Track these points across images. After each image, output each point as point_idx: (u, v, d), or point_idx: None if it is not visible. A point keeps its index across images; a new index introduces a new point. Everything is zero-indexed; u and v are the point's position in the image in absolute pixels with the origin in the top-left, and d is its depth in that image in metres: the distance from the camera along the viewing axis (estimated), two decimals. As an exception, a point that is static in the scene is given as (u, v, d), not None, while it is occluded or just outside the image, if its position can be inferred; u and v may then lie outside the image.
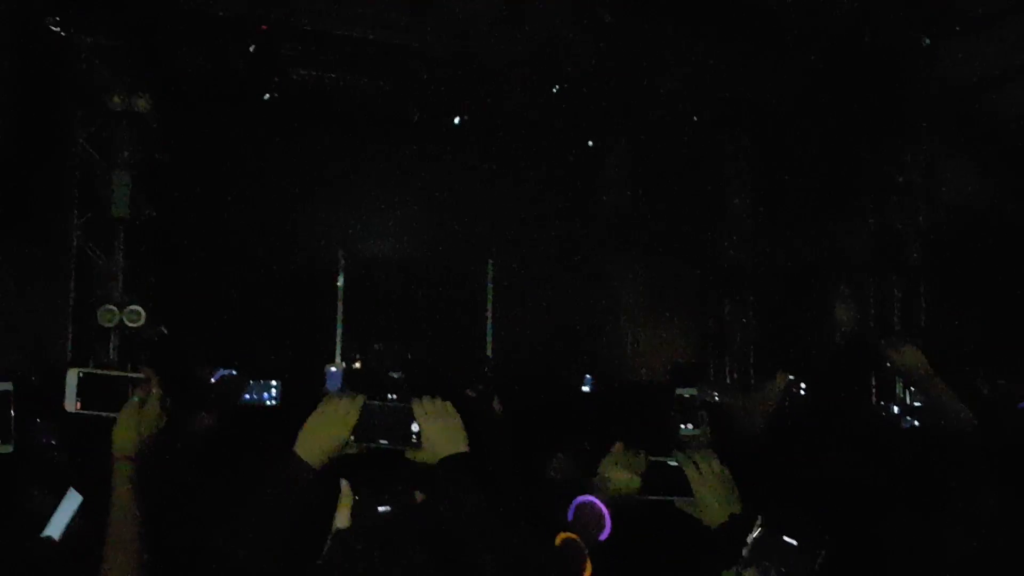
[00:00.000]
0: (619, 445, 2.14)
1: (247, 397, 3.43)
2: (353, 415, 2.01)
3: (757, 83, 8.74)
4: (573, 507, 2.03)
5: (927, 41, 7.96)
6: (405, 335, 8.95)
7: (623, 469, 2.10)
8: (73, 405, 2.06)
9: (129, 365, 7.69)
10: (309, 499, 1.90)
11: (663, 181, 9.60)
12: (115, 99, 7.52)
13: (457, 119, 9.00)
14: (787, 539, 1.74)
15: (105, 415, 2.04)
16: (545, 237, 9.69)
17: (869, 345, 8.36)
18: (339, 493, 1.78)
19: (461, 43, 8.11)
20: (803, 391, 3.47)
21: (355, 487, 1.76)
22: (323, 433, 1.99)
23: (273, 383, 3.46)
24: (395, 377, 6.71)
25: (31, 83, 7.08)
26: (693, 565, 1.95)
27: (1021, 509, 2.31)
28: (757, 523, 1.81)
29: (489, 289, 9.70)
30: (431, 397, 2.08)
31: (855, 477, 2.69)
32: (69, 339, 7.64)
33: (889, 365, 2.73)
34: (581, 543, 1.86)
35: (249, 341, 8.03)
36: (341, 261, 9.26)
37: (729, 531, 1.97)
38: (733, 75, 8.65)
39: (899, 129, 8.57)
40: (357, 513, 1.63)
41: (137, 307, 7.60)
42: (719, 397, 3.63)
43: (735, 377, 9.83)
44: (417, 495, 1.75)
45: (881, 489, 2.61)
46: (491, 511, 1.92)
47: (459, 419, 2.06)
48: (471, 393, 2.85)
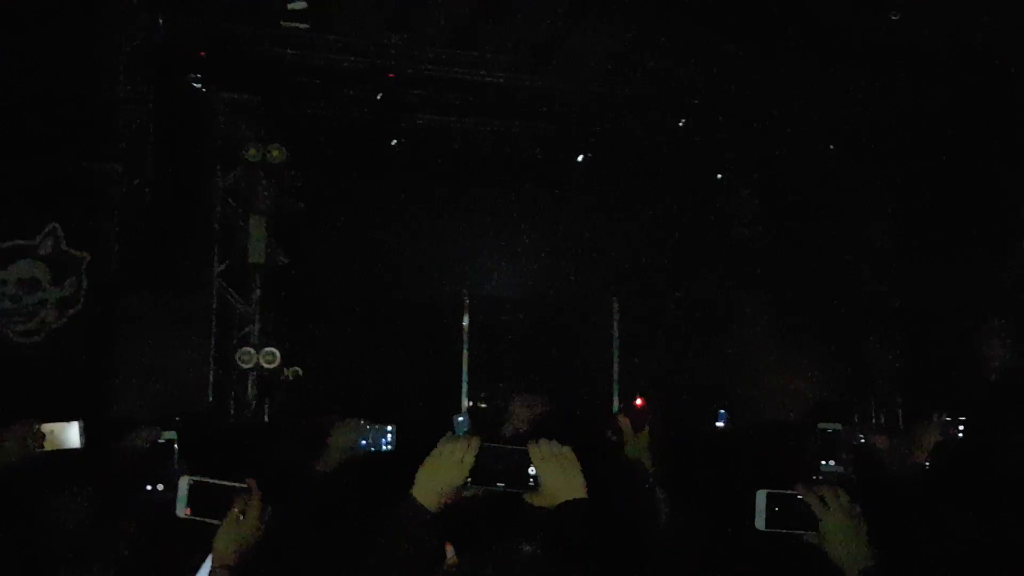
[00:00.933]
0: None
1: (363, 443, 3.45)
2: (470, 458, 1.99)
3: (898, 114, 8.43)
4: None
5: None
6: (531, 375, 8.93)
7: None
8: (183, 511, 2.16)
9: (265, 407, 7.96)
10: (427, 543, 1.89)
11: (796, 214, 9.34)
12: (251, 151, 7.86)
13: (580, 156, 9.00)
14: None
15: (212, 522, 2.14)
16: (672, 273, 9.54)
17: None
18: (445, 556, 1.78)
19: (584, 83, 8.15)
20: (960, 432, 3.26)
21: (459, 551, 1.75)
22: (440, 476, 1.97)
23: (388, 428, 3.47)
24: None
25: (173, 137, 7.47)
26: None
27: None
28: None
29: (615, 327, 9.60)
30: (548, 440, 2.05)
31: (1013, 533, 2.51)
32: (210, 382, 7.95)
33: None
34: None
35: (377, 385, 8.20)
36: (466, 302, 9.34)
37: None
38: (870, 103, 8.38)
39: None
40: None
41: (273, 349, 7.87)
42: (865, 439, 3.46)
43: (881, 419, 9.38)
44: (525, 548, 1.72)
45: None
46: (607, 559, 1.88)
47: (577, 463, 2.02)
48: (612, 436, 2.80)
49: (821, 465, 3.16)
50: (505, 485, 2.01)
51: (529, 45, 7.79)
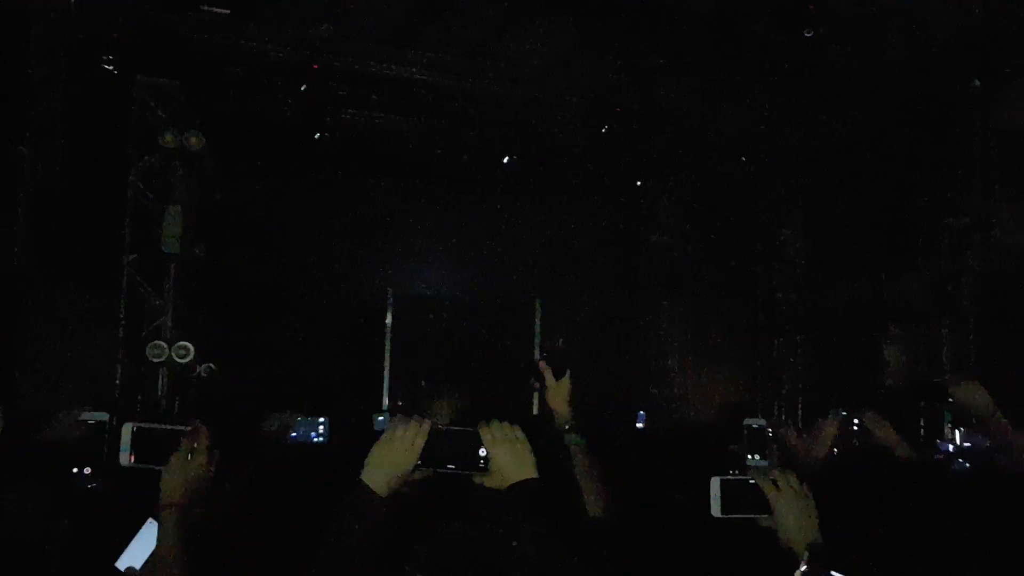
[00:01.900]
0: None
1: (295, 435, 3.43)
2: (421, 440, 1.99)
3: (810, 127, 8.68)
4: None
5: (977, 83, 7.87)
6: (453, 373, 8.91)
7: None
8: (127, 459, 2.13)
9: (176, 404, 7.73)
10: (380, 527, 1.90)
11: (713, 222, 9.54)
12: (168, 138, 7.61)
13: (506, 158, 9.02)
14: (835, 574, 1.76)
15: (157, 468, 2.11)
16: (594, 276, 9.64)
17: (929, 383, 8.18)
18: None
19: (512, 85, 8.17)
20: (856, 427, 3.45)
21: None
22: (390, 459, 1.97)
23: (321, 420, 3.47)
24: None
25: (84, 122, 7.20)
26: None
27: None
28: (805, 555, 1.84)
29: (537, 327, 9.65)
30: (499, 421, 2.07)
31: (908, 518, 2.64)
32: (119, 375, 7.67)
33: (951, 401, 2.70)
34: None
35: (297, 380, 8.04)
36: (390, 300, 9.27)
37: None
38: (786, 120, 8.61)
39: (953, 173, 8.44)
40: None
41: (186, 343, 7.64)
42: (775, 434, 3.59)
43: (783, 417, 9.68)
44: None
45: (933, 531, 2.56)
46: (557, 539, 1.90)
47: (527, 444, 2.05)
48: (535, 384, 2.81)
49: (747, 460, 3.25)
50: (456, 467, 2.02)
51: (461, 46, 7.77)
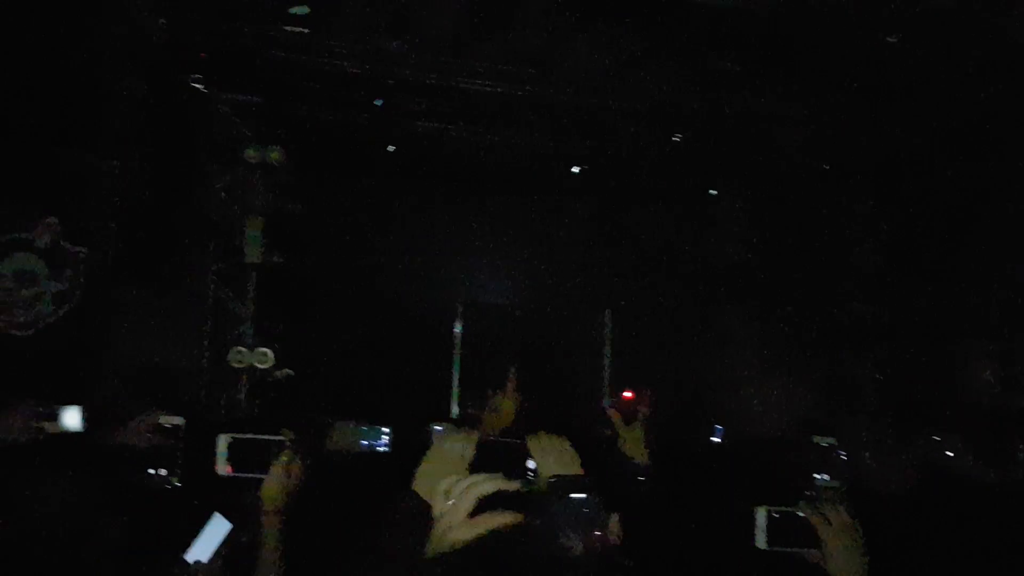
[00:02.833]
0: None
1: (364, 444, 3.49)
2: (470, 452, 2.01)
3: (886, 131, 8.49)
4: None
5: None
6: (521, 385, 8.94)
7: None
8: (224, 468, 2.22)
9: (256, 407, 7.97)
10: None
11: (786, 231, 9.40)
12: (250, 152, 7.88)
13: (575, 168, 9.04)
14: None
15: (254, 476, 2.22)
16: (664, 286, 9.57)
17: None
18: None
19: (578, 93, 8.19)
20: (950, 453, 3.33)
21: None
22: (440, 471, 1.97)
23: (384, 430, 3.51)
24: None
25: (172, 136, 7.49)
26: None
27: None
28: None
29: (607, 338, 9.63)
30: (547, 433, 2.08)
31: (991, 550, 2.56)
32: (203, 380, 7.96)
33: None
34: None
35: (367, 388, 8.21)
36: (459, 309, 9.36)
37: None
38: (860, 127, 8.44)
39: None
40: None
41: (266, 349, 7.89)
42: (851, 455, 3.50)
43: (863, 437, 9.40)
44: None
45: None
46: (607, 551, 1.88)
47: (576, 455, 2.05)
48: (605, 431, 2.81)
49: (815, 479, 3.17)
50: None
51: (528, 56, 7.83)
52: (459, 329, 9.34)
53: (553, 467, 2.01)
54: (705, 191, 9.83)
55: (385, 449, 3.57)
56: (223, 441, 2.21)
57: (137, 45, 7.23)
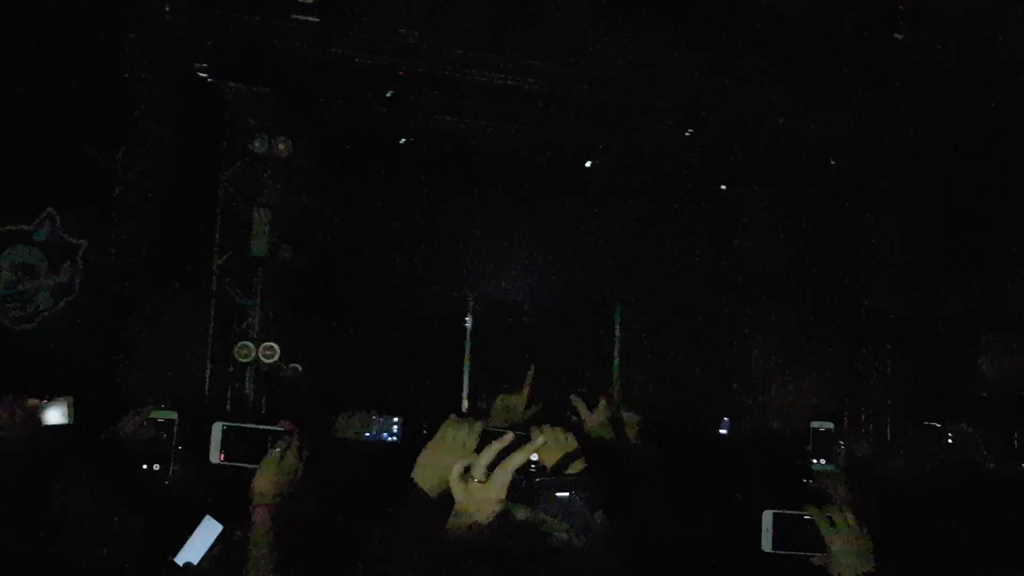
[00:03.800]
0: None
1: (368, 435, 3.45)
2: (472, 442, 1.97)
3: (907, 129, 8.40)
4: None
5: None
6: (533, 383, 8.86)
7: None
8: (217, 456, 2.16)
9: (263, 402, 7.89)
10: (428, 527, 1.87)
11: (803, 226, 9.32)
12: (257, 143, 7.78)
13: (589, 162, 8.96)
14: None
15: (247, 466, 2.15)
16: (677, 281, 9.51)
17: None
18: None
19: (599, 90, 8.12)
20: (951, 440, 3.31)
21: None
22: (441, 461, 1.95)
23: (395, 420, 3.48)
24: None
25: (177, 127, 7.41)
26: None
27: None
28: None
29: (617, 331, 9.56)
30: (551, 426, 2.05)
31: (994, 536, 2.51)
32: (208, 375, 7.86)
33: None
34: None
35: (378, 381, 8.12)
36: (470, 303, 9.30)
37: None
38: (882, 122, 8.35)
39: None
40: None
41: (272, 344, 7.79)
42: (847, 444, 3.47)
43: (870, 427, 9.37)
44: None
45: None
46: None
47: (579, 448, 2.04)
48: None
49: (813, 464, 3.18)
50: None
51: (548, 51, 7.74)
52: (470, 324, 9.27)
53: (556, 459, 2.00)
54: (721, 188, 9.76)
55: (394, 439, 3.54)
56: (217, 429, 2.15)
57: (145, 35, 7.17)
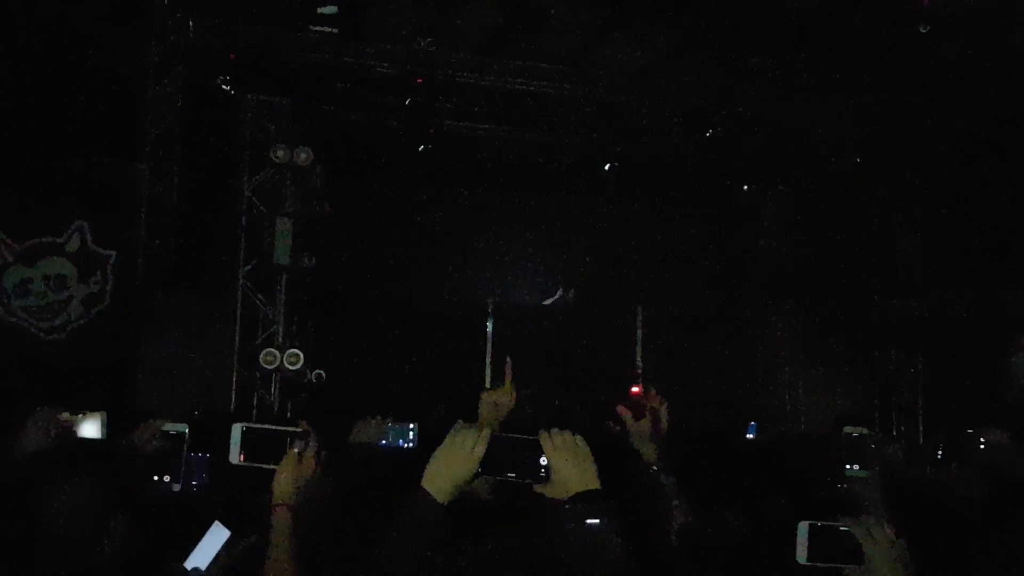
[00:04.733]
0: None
1: (384, 441, 3.46)
2: (481, 447, 1.96)
3: (927, 125, 8.34)
4: None
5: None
6: (553, 381, 8.87)
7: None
8: (237, 458, 2.18)
9: (288, 408, 7.97)
10: (437, 533, 1.89)
11: (823, 225, 9.26)
12: (278, 153, 7.86)
13: (607, 165, 8.97)
14: None
15: (266, 467, 2.16)
16: (698, 282, 9.48)
17: None
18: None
19: (611, 91, 8.13)
20: (981, 445, 3.25)
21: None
22: (451, 466, 1.95)
23: (411, 426, 3.48)
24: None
25: (201, 138, 7.51)
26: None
27: None
28: None
29: (639, 335, 9.53)
30: (560, 430, 2.01)
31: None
32: (234, 382, 7.97)
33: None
34: None
35: (399, 387, 8.18)
36: (490, 308, 9.31)
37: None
38: (901, 118, 8.29)
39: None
40: None
41: (296, 350, 7.87)
42: (878, 447, 3.43)
43: (902, 430, 9.27)
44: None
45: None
46: (623, 553, 1.84)
47: (590, 453, 1.99)
48: (615, 428, 2.77)
49: (846, 469, 3.13)
50: (516, 475, 1.98)
51: (560, 54, 7.78)
52: (490, 328, 9.28)
53: (566, 465, 1.96)
54: (740, 188, 9.71)
55: (411, 445, 3.53)
56: (237, 430, 2.17)
57: (166, 48, 7.27)
